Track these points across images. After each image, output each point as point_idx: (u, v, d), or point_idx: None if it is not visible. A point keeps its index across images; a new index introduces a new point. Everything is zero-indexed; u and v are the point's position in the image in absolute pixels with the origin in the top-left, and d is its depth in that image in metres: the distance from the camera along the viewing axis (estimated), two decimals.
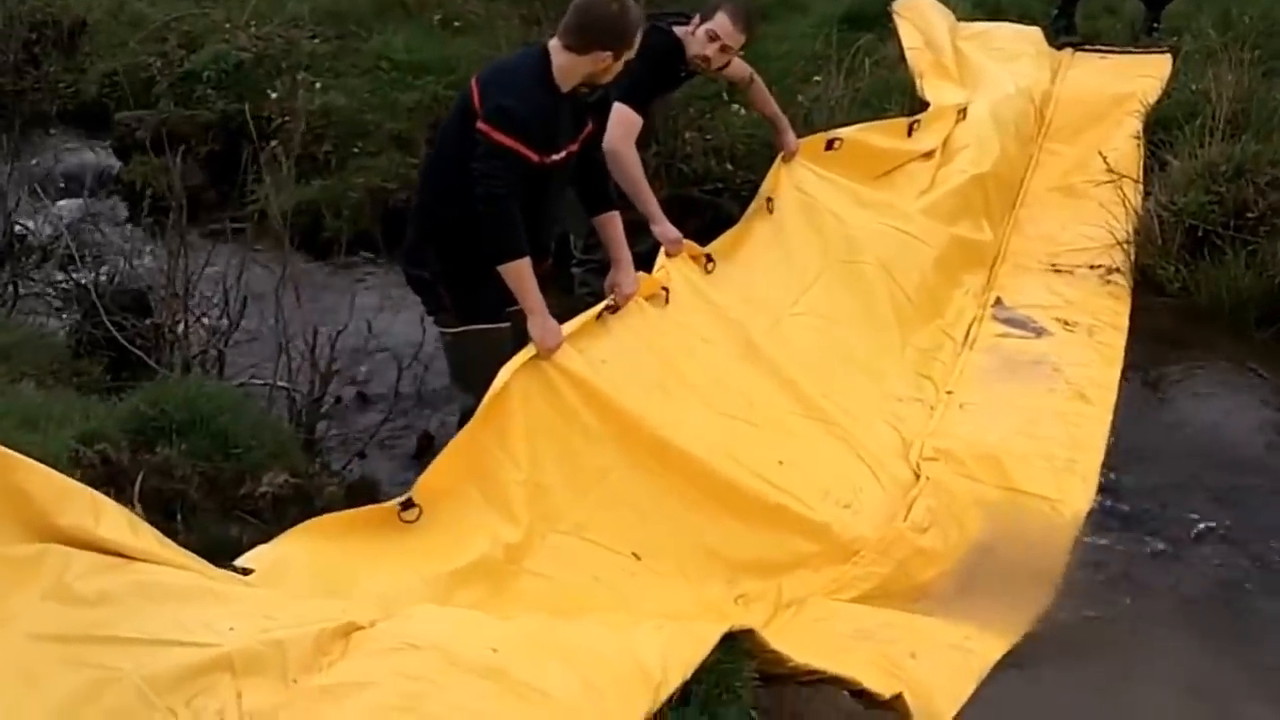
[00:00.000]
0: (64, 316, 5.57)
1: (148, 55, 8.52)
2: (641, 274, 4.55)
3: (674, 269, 4.83)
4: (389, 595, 3.49)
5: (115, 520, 3.02)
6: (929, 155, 6.39)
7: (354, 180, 7.14)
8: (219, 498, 3.98)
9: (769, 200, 5.47)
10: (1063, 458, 4.85)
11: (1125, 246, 6.15)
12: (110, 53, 8.97)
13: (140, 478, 3.82)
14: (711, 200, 6.54)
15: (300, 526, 3.65)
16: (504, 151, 4.02)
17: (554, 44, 4.18)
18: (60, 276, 5.78)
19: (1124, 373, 5.45)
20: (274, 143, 7.60)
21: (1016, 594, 4.25)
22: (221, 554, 3.61)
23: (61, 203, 7.01)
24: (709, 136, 6.69)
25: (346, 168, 7.35)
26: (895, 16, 7.93)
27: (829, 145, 5.90)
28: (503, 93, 4.11)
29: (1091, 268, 6.23)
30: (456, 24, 8.56)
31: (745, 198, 6.02)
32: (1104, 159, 6.44)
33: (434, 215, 4.31)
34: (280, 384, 4.68)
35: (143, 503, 3.81)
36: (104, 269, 5.68)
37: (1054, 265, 6.31)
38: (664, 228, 4.90)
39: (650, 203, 4.93)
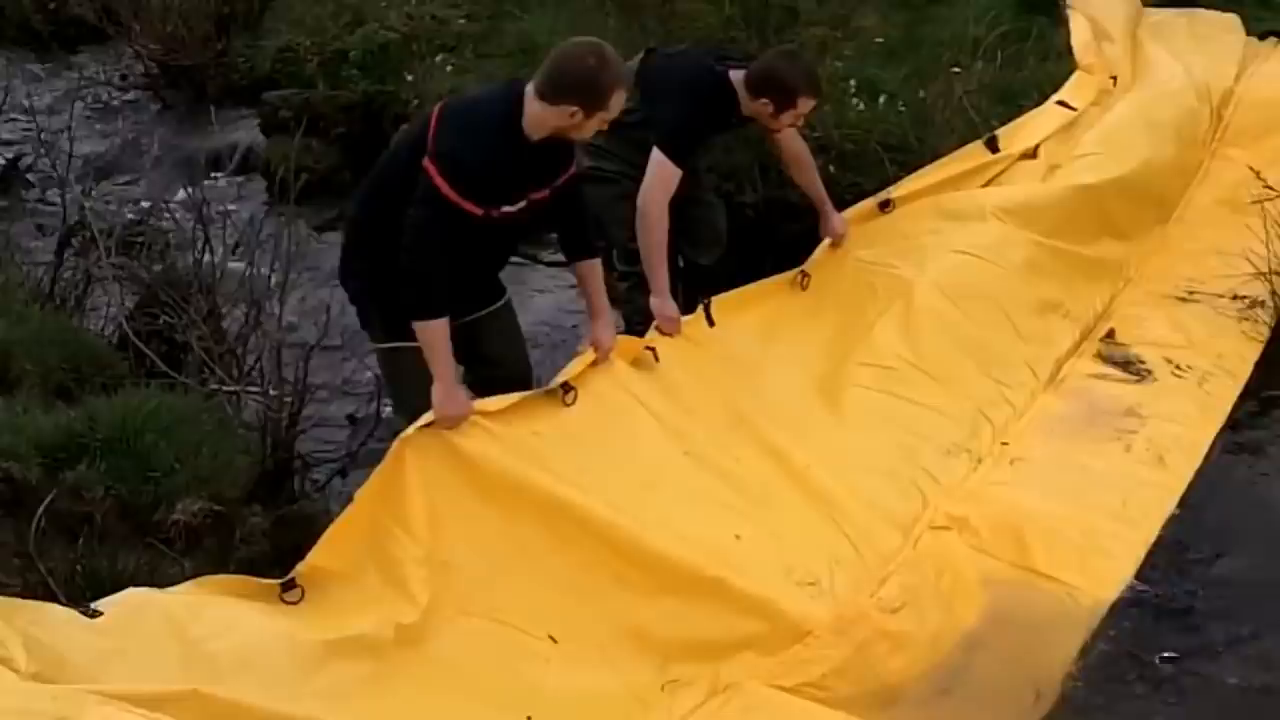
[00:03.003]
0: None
1: (312, 34, 8.57)
2: (624, 337, 4.26)
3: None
4: (252, 662, 3.30)
5: None
6: (1032, 154, 5.69)
7: None
8: (133, 523, 3.87)
9: (804, 275, 4.99)
10: (1105, 533, 4.16)
11: (1270, 277, 5.25)
12: (290, 29, 9.08)
13: (49, 500, 3.75)
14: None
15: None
16: (442, 201, 3.76)
17: (529, 89, 3.85)
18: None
19: (1225, 434, 4.64)
20: (405, 126, 7.55)
21: (1007, 703, 3.65)
22: (128, 584, 3.52)
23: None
24: (817, 133, 6.11)
25: None
26: (1068, 10, 7.03)
27: (883, 207, 5.33)
28: (460, 136, 3.83)
29: (1234, 298, 5.36)
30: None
31: (849, 201, 5.52)
32: (1256, 173, 5.50)
33: (367, 228, 4.10)
34: (250, 392, 4.50)
35: (50, 525, 3.77)
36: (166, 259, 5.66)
37: (1190, 292, 5.47)
38: (664, 302, 4.54)
39: (660, 272, 4.57)
